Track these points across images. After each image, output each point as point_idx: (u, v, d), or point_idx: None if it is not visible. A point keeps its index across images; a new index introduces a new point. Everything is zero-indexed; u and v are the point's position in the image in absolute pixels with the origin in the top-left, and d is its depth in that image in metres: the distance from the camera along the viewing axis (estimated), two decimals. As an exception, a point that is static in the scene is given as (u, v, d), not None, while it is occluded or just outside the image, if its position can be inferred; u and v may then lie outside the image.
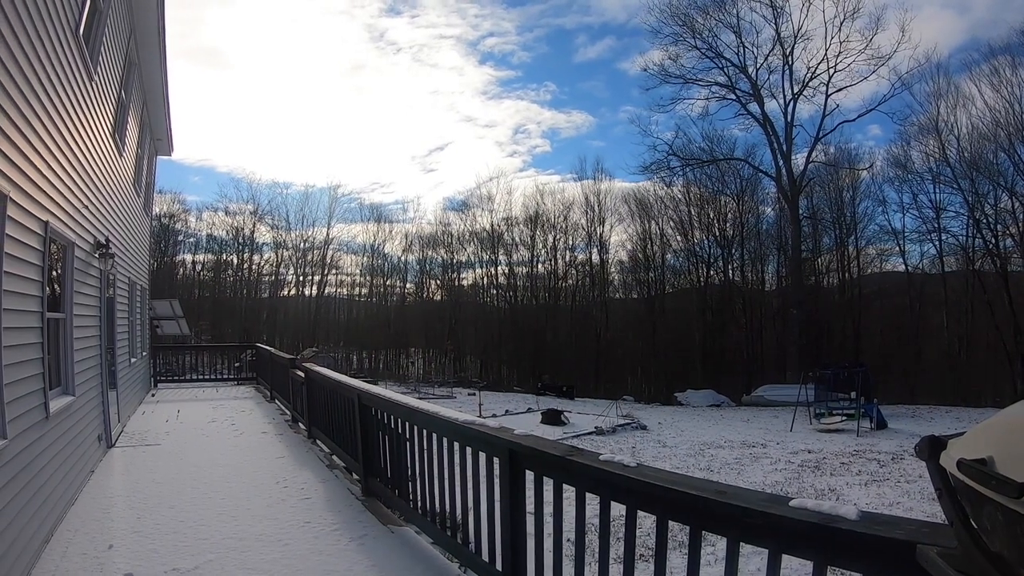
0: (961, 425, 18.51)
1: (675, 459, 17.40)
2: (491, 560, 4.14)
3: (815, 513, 2.14)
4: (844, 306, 45.52)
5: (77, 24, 6.74)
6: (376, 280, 62.24)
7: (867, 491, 13.19)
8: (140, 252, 15.09)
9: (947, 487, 1.19)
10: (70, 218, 7.05)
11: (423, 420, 5.20)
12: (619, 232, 55.35)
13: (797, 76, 44.98)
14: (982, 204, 37.70)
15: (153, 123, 15.27)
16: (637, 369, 51.47)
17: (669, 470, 3.13)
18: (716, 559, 3.27)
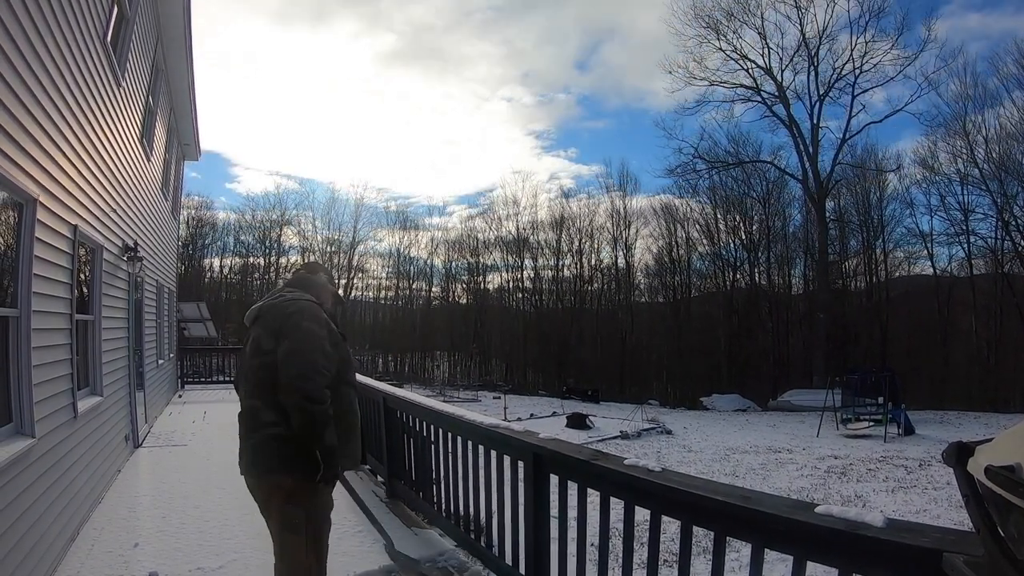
0: (990, 431, 18.35)
1: (700, 464, 17.33)
2: (514, 564, 4.13)
3: (841, 520, 2.12)
4: (871, 310, 45.13)
5: (104, 31, 6.81)
6: (402, 283, 62.49)
7: (894, 498, 13.06)
8: (168, 255, 15.23)
9: (974, 494, 1.17)
10: (98, 222, 7.12)
11: (448, 423, 5.21)
12: (644, 235, 55.19)
13: (823, 77, 44.71)
14: (1011, 206, 37.24)
15: (180, 128, 15.41)
16: (662, 373, 51.30)
17: (694, 475, 3.11)
18: (740, 565, 3.25)
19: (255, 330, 3.33)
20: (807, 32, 44.42)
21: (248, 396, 3.26)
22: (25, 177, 4.43)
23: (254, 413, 3.21)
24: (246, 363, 3.33)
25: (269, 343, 3.20)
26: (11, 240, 4.60)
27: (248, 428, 3.25)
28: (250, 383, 3.25)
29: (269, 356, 3.17)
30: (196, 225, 54.28)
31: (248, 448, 3.25)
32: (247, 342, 3.39)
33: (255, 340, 3.29)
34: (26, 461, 4.44)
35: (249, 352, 3.31)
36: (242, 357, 3.51)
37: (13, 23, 4.00)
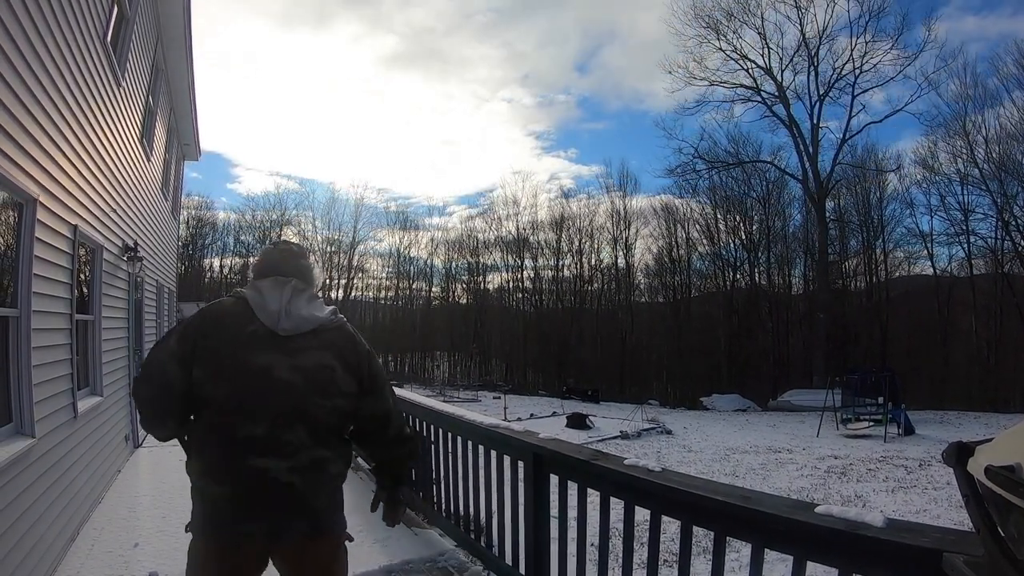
0: (990, 431, 18.33)
1: (700, 464, 17.34)
2: (514, 563, 4.14)
3: (841, 520, 2.13)
4: (871, 310, 45.17)
5: (104, 31, 6.81)
6: (402, 283, 62.56)
7: (894, 498, 13.07)
8: (168, 256, 15.22)
9: (974, 494, 1.18)
10: (98, 222, 7.12)
11: (448, 423, 5.22)
12: (644, 235, 55.27)
13: (823, 77, 44.82)
14: (1011, 206, 37.31)
15: (180, 128, 15.40)
16: (663, 373, 51.35)
17: (694, 475, 3.11)
18: (740, 565, 3.25)
19: (319, 355, 2.48)
20: (807, 32, 44.55)
21: (308, 444, 2.40)
22: (25, 177, 4.43)
23: (321, 467, 2.45)
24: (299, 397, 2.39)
25: (349, 384, 2.53)
26: (11, 240, 4.60)
27: (316, 487, 2.45)
28: (312, 425, 2.41)
29: (348, 401, 2.52)
30: (196, 225, 54.43)
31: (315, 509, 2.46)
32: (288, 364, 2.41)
33: (327, 370, 2.48)
34: (26, 461, 4.44)
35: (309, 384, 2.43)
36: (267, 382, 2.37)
37: (13, 23, 3.99)
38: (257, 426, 2.32)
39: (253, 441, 2.32)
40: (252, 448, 2.32)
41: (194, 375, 2.35)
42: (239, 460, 2.32)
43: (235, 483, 2.33)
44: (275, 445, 2.34)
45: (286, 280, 2.62)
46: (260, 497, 2.34)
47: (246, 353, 2.38)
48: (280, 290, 2.56)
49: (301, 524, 2.42)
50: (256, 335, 2.42)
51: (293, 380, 2.39)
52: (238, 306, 2.50)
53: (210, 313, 2.50)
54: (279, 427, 2.35)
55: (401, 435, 2.77)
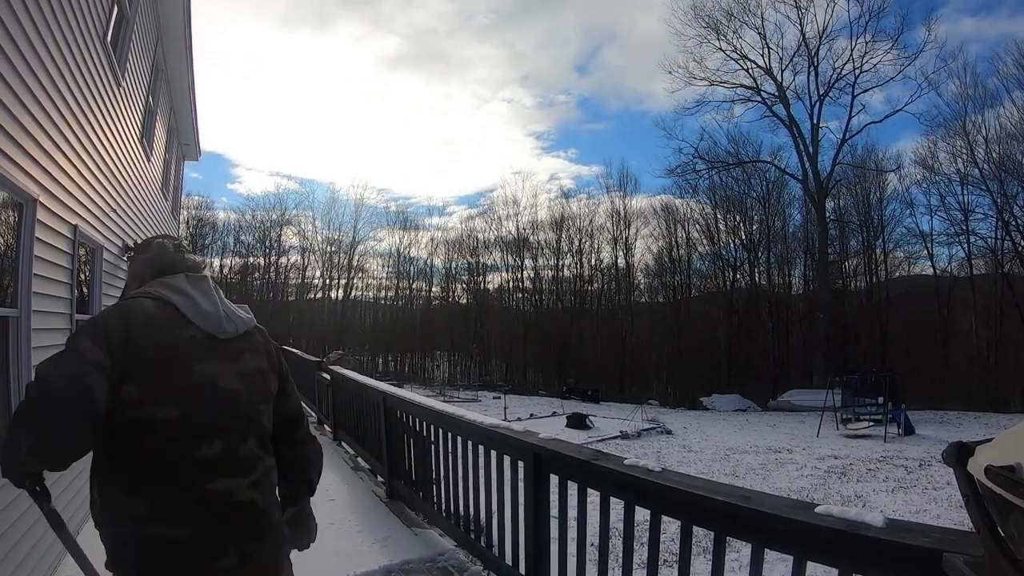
0: (990, 431, 18.37)
1: (700, 464, 17.36)
2: (514, 563, 4.13)
3: (841, 520, 2.13)
4: (871, 310, 45.18)
5: (104, 31, 6.80)
6: (402, 283, 62.60)
7: (894, 498, 13.07)
8: (168, 255, 15.20)
9: (974, 494, 1.18)
10: (98, 222, 7.11)
11: (448, 423, 5.21)
12: (644, 235, 55.32)
13: (823, 77, 44.89)
14: (1011, 206, 37.34)
15: (180, 128, 15.39)
16: (663, 373, 51.34)
17: (694, 475, 3.11)
18: (740, 565, 3.25)
19: (254, 358, 2.29)
20: (807, 32, 44.62)
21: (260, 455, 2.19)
22: (25, 177, 4.42)
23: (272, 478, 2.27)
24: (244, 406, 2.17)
25: (273, 384, 2.36)
26: (11, 240, 4.60)
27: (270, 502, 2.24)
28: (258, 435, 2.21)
29: (273, 402, 2.34)
30: (196, 225, 54.40)
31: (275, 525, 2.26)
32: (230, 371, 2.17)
33: (260, 374, 2.29)
34: (26, 461, 4.43)
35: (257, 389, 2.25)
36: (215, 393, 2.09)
37: (13, 23, 3.99)
38: (212, 446, 2.03)
39: (209, 463, 2.02)
40: (210, 471, 2.02)
41: (124, 393, 1.91)
42: (197, 489, 1.99)
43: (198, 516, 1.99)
44: (233, 463, 2.08)
45: (202, 276, 2.33)
46: (226, 526, 2.05)
47: (189, 363, 2.07)
48: (208, 288, 2.28)
49: (267, 546, 2.20)
50: (195, 341, 2.12)
51: (239, 388, 2.16)
52: (163, 308, 2.12)
53: (134, 315, 2.05)
54: (233, 442, 2.09)
55: (310, 437, 2.55)
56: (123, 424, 1.90)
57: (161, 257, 2.33)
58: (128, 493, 1.93)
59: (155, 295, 2.14)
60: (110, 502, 1.96)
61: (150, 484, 1.94)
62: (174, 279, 2.22)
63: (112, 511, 1.95)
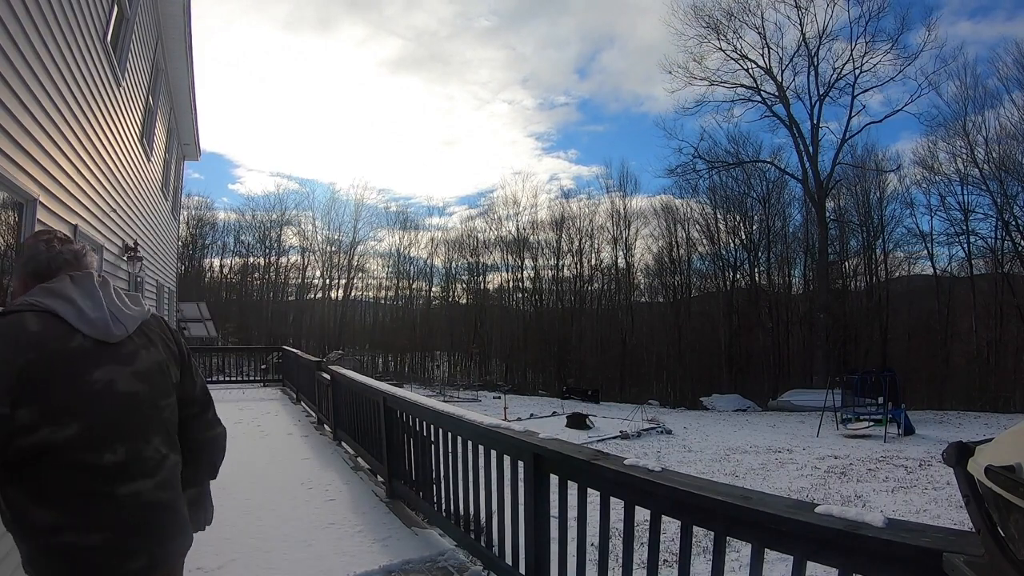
0: (990, 431, 18.33)
1: (700, 464, 17.34)
2: (514, 563, 4.13)
3: (841, 520, 2.13)
4: (871, 310, 45.13)
5: (104, 31, 6.81)
6: (402, 283, 62.58)
7: (894, 498, 13.07)
8: (168, 255, 15.23)
9: (975, 494, 1.18)
10: (99, 221, 7.13)
11: (448, 423, 5.21)
12: (644, 235, 55.32)
13: (823, 77, 44.73)
14: (1011, 206, 37.30)
15: (180, 128, 15.40)
16: (663, 373, 51.23)
17: (694, 475, 3.11)
18: (740, 565, 3.26)
19: (150, 353, 2.21)
20: (807, 32, 44.46)
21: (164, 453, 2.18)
22: (25, 177, 4.43)
23: (178, 472, 2.26)
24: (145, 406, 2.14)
25: (175, 373, 2.31)
26: (11, 240, 4.60)
27: (178, 495, 2.25)
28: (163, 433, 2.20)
29: (177, 391, 2.31)
30: (196, 225, 54.48)
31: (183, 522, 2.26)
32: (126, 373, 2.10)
33: (159, 368, 2.22)
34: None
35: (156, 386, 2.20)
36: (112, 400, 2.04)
37: (13, 23, 4.00)
38: (115, 453, 2.01)
39: (114, 470, 2.01)
40: (116, 477, 2.01)
41: (19, 418, 1.85)
42: (105, 496, 1.99)
43: (111, 522, 2.00)
44: (138, 466, 2.07)
45: (88, 275, 2.19)
46: (137, 527, 2.06)
47: (81, 375, 2.00)
48: (92, 289, 2.14)
49: (177, 543, 2.23)
50: (84, 350, 2.02)
51: (137, 390, 2.11)
52: (46, 321, 2.00)
53: (16, 336, 1.93)
54: (137, 445, 2.08)
55: (214, 417, 2.51)
56: (23, 447, 1.86)
57: (35, 259, 2.19)
58: (37, 505, 1.91)
59: (37, 306, 2.02)
60: (20, 514, 1.93)
61: (57, 496, 1.92)
62: (57, 284, 2.10)
63: (23, 522, 1.93)
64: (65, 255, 2.20)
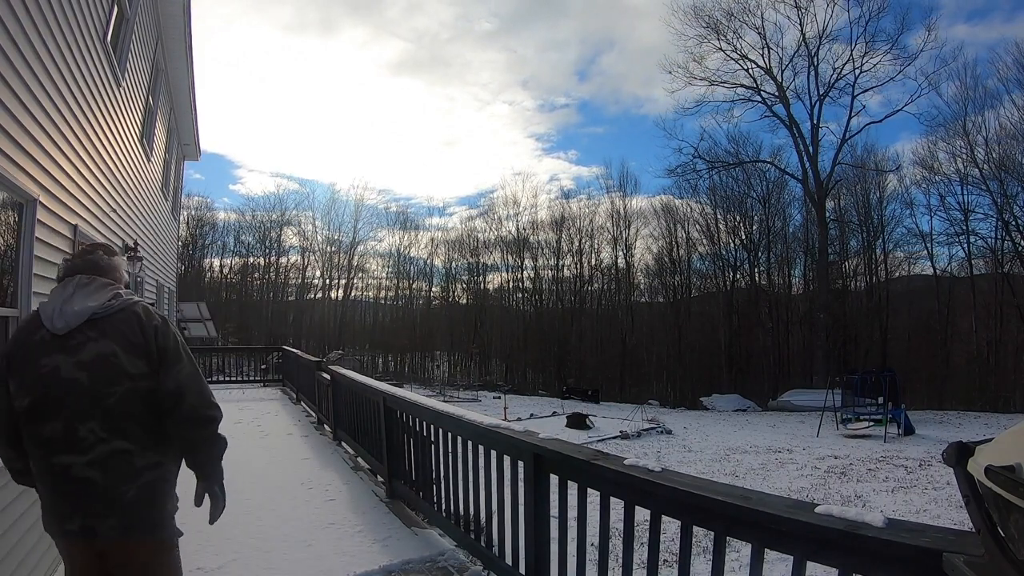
0: (990, 431, 18.34)
1: (700, 464, 17.35)
2: (514, 563, 4.13)
3: (841, 520, 2.13)
4: (871, 310, 45.13)
5: (104, 31, 6.80)
6: (402, 283, 62.56)
7: (894, 498, 13.08)
8: (168, 255, 15.23)
9: (975, 494, 1.18)
10: (99, 221, 7.12)
11: (448, 423, 5.21)
12: (644, 235, 55.31)
13: (823, 77, 44.74)
14: (1011, 206, 37.28)
15: (180, 128, 15.40)
16: (663, 373, 51.21)
17: (694, 475, 3.11)
18: (740, 565, 3.25)
19: (98, 344, 2.50)
20: (807, 32, 44.45)
21: (103, 437, 2.45)
22: (25, 177, 4.43)
23: (122, 459, 2.47)
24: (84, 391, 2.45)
25: (136, 365, 2.53)
26: (11, 240, 4.60)
27: (114, 481, 2.47)
28: (101, 418, 2.45)
29: (140, 382, 2.53)
30: (196, 225, 54.46)
31: (118, 508, 2.48)
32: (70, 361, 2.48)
33: (105, 359, 2.49)
34: (26, 461, 4.43)
35: (92, 376, 2.47)
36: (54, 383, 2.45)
37: (13, 23, 3.99)
38: (52, 428, 2.44)
39: (52, 441, 2.44)
40: (52, 447, 2.45)
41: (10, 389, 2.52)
42: (46, 460, 2.47)
43: (49, 483, 2.50)
44: (72, 441, 2.43)
45: (71, 279, 2.65)
46: (68, 495, 2.47)
47: (36, 360, 2.49)
48: (62, 290, 2.61)
49: (111, 521, 2.48)
50: (42, 340, 2.52)
51: (78, 377, 2.46)
52: (32, 317, 2.62)
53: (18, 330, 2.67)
54: (73, 424, 2.43)
55: (196, 417, 2.62)
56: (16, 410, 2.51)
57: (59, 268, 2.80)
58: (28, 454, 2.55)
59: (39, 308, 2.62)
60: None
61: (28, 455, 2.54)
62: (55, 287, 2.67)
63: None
64: (76, 263, 2.71)
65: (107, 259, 2.79)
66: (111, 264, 2.79)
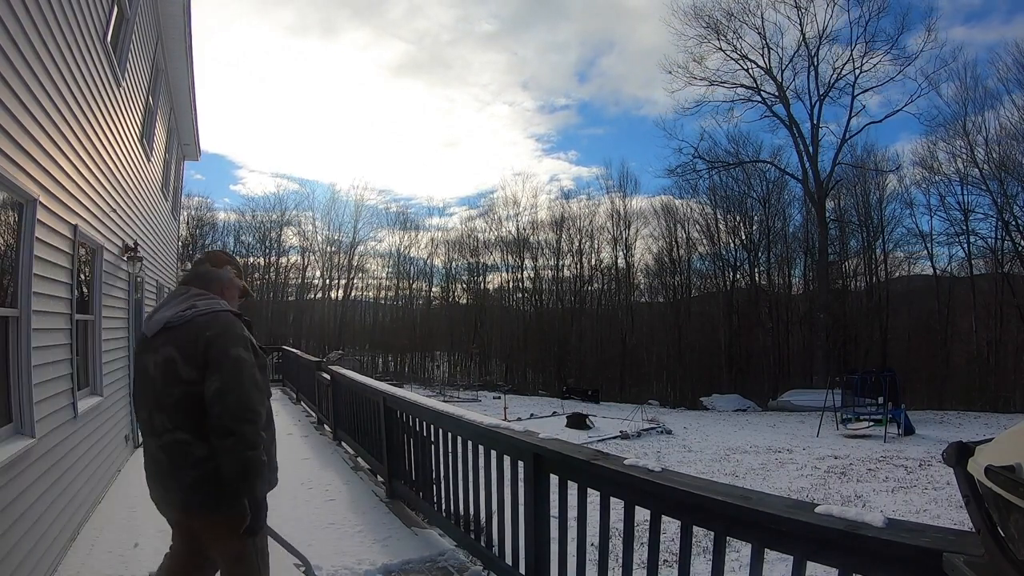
0: (990, 431, 18.35)
1: (700, 464, 17.35)
2: (514, 563, 4.13)
3: (841, 520, 2.12)
4: (871, 310, 45.13)
5: (104, 31, 6.80)
6: (402, 283, 62.53)
7: (894, 498, 13.08)
8: (168, 255, 15.21)
9: (974, 494, 1.18)
10: (99, 222, 7.11)
11: (448, 423, 5.21)
12: (644, 236, 55.31)
13: (823, 78, 44.76)
14: (1011, 206, 37.28)
15: (180, 128, 15.38)
16: (663, 373, 51.22)
17: (694, 475, 3.11)
18: (740, 565, 3.25)
19: (166, 349, 2.86)
20: (807, 32, 44.44)
21: (169, 428, 2.82)
22: (25, 177, 4.42)
23: (182, 448, 2.80)
24: (156, 388, 2.87)
25: (189, 372, 2.80)
26: (11, 240, 4.59)
27: (178, 465, 2.83)
28: (168, 412, 2.83)
29: (194, 387, 2.79)
30: (196, 225, 54.35)
31: (184, 488, 2.84)
32: (152, 360, 2.91)
33: (168, 363, 2.84)
34: (26, 461, 4.44)
35: (161, 376, 2.85)
36: (143, 377, 2.97)
37: (13, 23, 3.99)
38: (141, 414, 3.01)
39: (143, 423, 3.00)
40: (143, 428, 3.01)
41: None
42: (143, 438, 3.05)
43: (144, 457, 3.05)
44: (151, 426, 2.92)
45: (178, 288, 3.17)
46: (149, 469, 3.02)
47: (138, 356, 3.09)
48: (165, 299, 3.13)
49: (174, 496, 2.93)
50: (143, 340, 3.05)
51: (155, 375, 2.89)
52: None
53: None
54: (152, 413, 2.91)
55: (217, 426, 2.74)
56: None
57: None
58: None
59: None
60: None
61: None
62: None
63: None
64: (187, 274, 3.25)
65: (211, 270, 3.21)
66: (211, 275, 3.19)
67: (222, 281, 3.20)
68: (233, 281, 3.28)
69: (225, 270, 3.25)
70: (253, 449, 2.76)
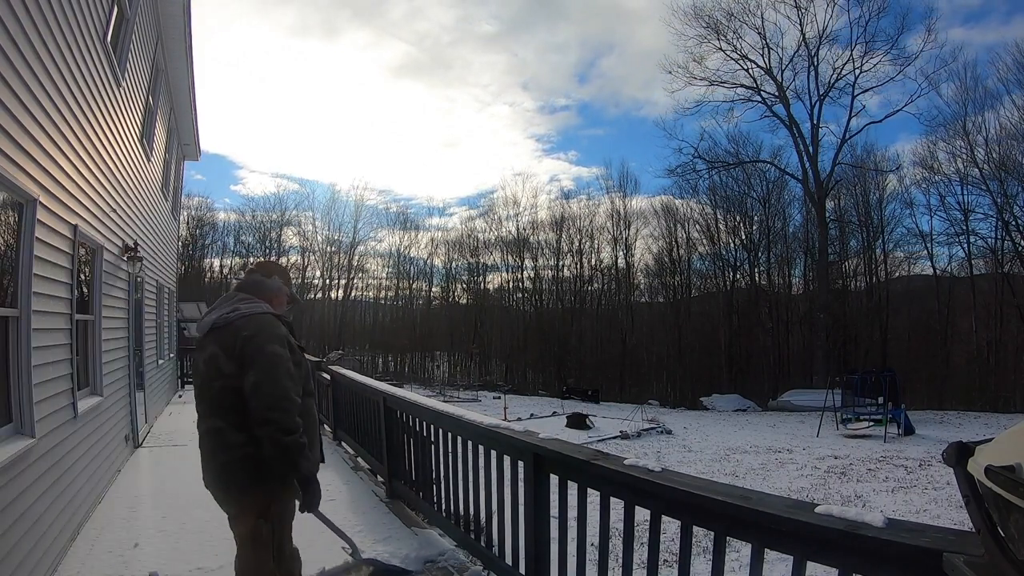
0: (990, 431, 18.34)
1: (700, 464, 17.35)
2: (514, 563, 4.13)
3: (841, 520, 2.12)
4: (871, 310, 45.12)
5: (104, 31, 6.80)
6: (402, 283, 62.53)
7: (894, 498, 13.07)
8: (168, 255, 15.22)
9: (975, 494, 1.18)
10: (99, 222, 7.12)
11: (448, 423, 5.20)
12: (644, 236, 55.28)
13: (823, 78, 44.74)
14: (1011, 206, 37.29)
15: (180, 128, 15.39)
16: (663, 373, 51.22)
17: (694, 475, 3.11)
18: (740, 565, 3.25)
19: (212, 347, 3.28)
20: (807, 33, 44.43)
21: (210, 416, 3.27)
22: (25, 177, 4.43)
23: (219, 434, 3.22)
24: (203, 381, 3.31)
25: (229, 367, 3.19)
26: (11, 240, 4.60)
27: (214, 448, 3.27)
28: (210, 403, 3.27)
29: (232, 380, 3.16)
30: (196, 225, 54.41)
31: (216, 468, 3.27)
32: (202, 357, 3.34)
33: (212, 359, 3.25)
34: (26, 461, 4.44)
35: (205, 370, 3.29)
36: (196, 371, 3.46)
37: (13, 23, 3.99)
38: (197, 405, 3.37)
39: (197, 410, 3.37)
40: (197, 415, 3.36)
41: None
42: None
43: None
44: (201, 414, 3.32)
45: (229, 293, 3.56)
46: (200, 451, 3.34)
47: (194, 353, 3.58)
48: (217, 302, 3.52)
49: (210, 475, 3.31)
50: (196, 341, 3.55)
51: (203, 369, 3.31)
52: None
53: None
54: (199, 403, 3.34)
55: (257, 416, 3.08)
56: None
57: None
58: None
59: None
60: None
61: None
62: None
63: None
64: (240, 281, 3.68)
65: (261, 279, 3.64)
66: (261, 284, 3.61)
67: (271, 289, 3.62)
68: (281, 289, 3.70)
69: (274, 279, 3.69)
70: (290, 434, 3.07)
